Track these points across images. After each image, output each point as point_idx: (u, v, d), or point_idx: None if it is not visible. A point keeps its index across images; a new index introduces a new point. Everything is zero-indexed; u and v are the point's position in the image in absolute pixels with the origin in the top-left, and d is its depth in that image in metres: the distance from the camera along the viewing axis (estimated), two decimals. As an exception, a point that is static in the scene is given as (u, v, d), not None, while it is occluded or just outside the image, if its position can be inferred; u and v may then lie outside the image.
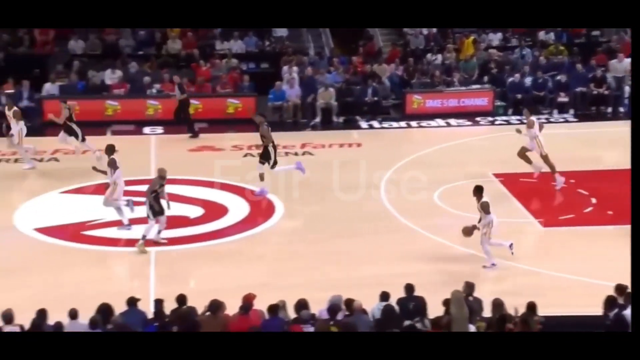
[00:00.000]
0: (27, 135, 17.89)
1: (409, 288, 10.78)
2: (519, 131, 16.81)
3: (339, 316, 10.06)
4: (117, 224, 14.63)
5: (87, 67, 22.52)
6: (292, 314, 10.28)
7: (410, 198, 15.89)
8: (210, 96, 22.29)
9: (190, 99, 21.02)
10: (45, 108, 20.88)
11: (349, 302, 10.27)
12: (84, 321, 9.85)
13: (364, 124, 21.92)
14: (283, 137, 18.86)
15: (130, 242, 14.08)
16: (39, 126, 20.69)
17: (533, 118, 17.06)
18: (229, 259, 13.86)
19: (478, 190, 13.25)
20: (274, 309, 10.09)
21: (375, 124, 21.96)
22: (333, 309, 10.10)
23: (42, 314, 9.91)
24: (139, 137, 20.59)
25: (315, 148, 19.57)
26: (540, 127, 16.82)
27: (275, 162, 16.26)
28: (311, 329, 9.75)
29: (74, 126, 17.70)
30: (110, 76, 22.31)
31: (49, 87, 21.48)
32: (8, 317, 9.79)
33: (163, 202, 13.84)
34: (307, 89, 22.02)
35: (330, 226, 14.90)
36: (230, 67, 23.30)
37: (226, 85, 22.55)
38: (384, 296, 10.56)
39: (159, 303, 10.37)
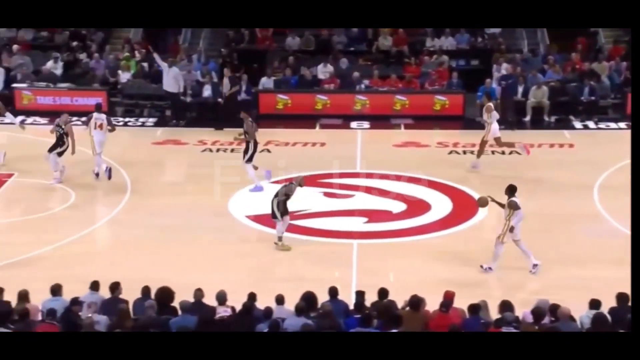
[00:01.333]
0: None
1: (622, 298, 10.14)
2: None
3: (544, 321, 9.68)
4: (324, 214, 15.01)
5: (300, 63, 23.33)
6: (494, 314, 10.05)
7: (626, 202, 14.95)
8: (417, 92, 22.28)
9: (397, 94, 21.13)
10: (261, 101, 21.90)
11: (555, 308, 9.85)
12: (289, 307, 10.20)
13: (578, 124, 20.98)
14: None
15: (334, 234, 14.45)
16: (254, 118, 21.68)
17: (491, 104, 17.68)
18: (430, 255, 13.79)
19: (511, 190, 12.93)
20: (475, 308, 9.89)
21: (590, 124, 20.93)
22: (538, 312, 9.72)
23: (252, 297, 10.38)
24: (346, 131, 21.02)
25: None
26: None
27: (250, 159, 16.07)
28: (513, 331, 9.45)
29: None
30: (322, 71, 22.95)
31: (265, 81, 22.47)
32: (222, 298, 10.34)
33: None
34: (511, 88, 21.32)
35: (541, 228, 14.35)
36: (440, 64, 23.17)
37: (434, 82, 22.45)
38: (594, 304, 10.02)
39: (360, 295, 10.50)
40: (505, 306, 9.99)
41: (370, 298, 10.44)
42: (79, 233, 14.32)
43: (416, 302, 10.00)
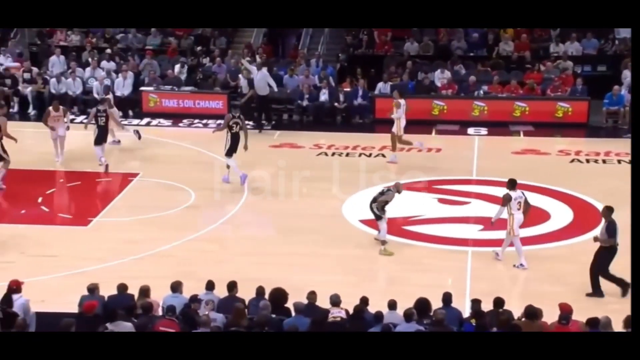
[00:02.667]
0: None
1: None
2: None
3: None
4: (439, 221, 14.86)
5: (418, 68, 23.20)
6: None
7: None
8: (539, 99, 21.74)
9: (517, 100, 20.67)
10: (377, 106, 21.92)
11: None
12: (400, 312, 10.16)
13: None
14: (610, 143, 17.77)
15: (449, 240, 14.29)
16: (370, 123, 21.83)
17: (401, 101, 18.17)
18: (546, 264, 13.42)
19: (511, 185, 13.46)
20: (594, 322, 9.54)
21: None
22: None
23: (364, 301, 10.38)
24: (463, 137, 20.74)
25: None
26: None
27: (230, 151, 16.58)
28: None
29: None
30: (440, 77, 22.74)
31: (382, 86, 22.48)
32: (335, 301, 10.34)
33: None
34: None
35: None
36: (563, 70, 22.52)
37: (557, 89, 21.83)
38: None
39: (476, 303, 10.32)
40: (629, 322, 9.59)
41: (486, 307, 10.27)
42: (198, 232, 14.75)
43: (533, 313, 9.76)
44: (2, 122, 16.44)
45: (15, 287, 10.50)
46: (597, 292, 12.25)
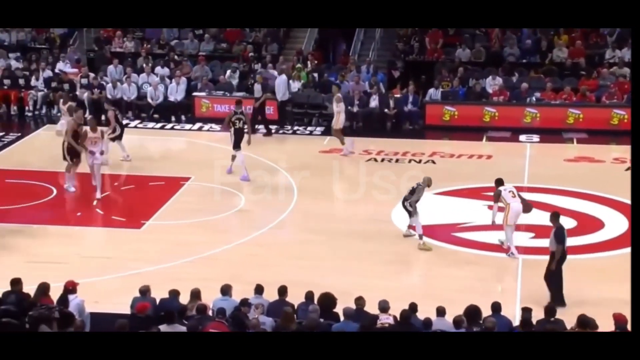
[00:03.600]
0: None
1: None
2: None
3: None
4: (489, 228, 14.78)
5: (469, 75, 23.06)
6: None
7: None
8: (593, 106, 21.41)
9: (571, 107, 20.40)
10: (428, 112, 21.85)
11: None
12: (449, 319, 10.11)
13: None
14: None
15: (492, 247, 14.18)
16: (420, 129, 21.77)
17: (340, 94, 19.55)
18: (600, 273, 13.23)
19: (498, 183, 14.16)
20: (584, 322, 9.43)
21: None
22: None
23: (412, 307, 10.34)
24: (515, 144, 20.54)
25: None
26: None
27: (236, 145, 17.25)
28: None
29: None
30: (491, 83, 22.57)
31: (433, 93, 22.40)
32: (384, 307, 10.32)
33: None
34: None
35: None
36: (620, 77, 22.14)
37: (612, 96, 21.47)
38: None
39: (527, 312, 10.21)
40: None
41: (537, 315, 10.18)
42: (248, 236, 14.89)
43: (585, 322, 9.62)
44: (70, 125, 16.71)
45: (71, 287, 10.75)
46: (558, 301, 11.79)
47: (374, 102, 22.14)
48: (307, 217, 15.83)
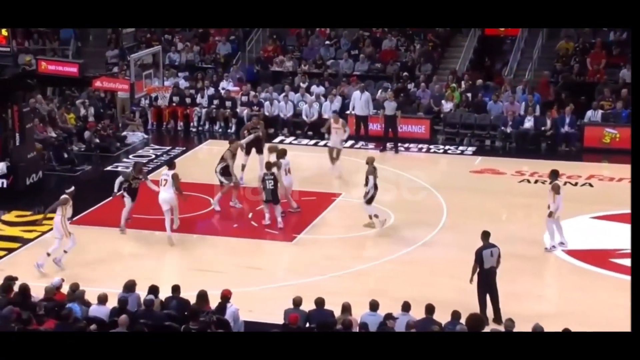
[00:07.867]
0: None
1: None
2: None
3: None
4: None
5: (632, 95, 22.11)
6: None
7: None
8: None
9: None
10: (586, 134, 21.13)
11: None
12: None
13: None
14: None
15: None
16: (577, 151, 21.10)
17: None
18: None
19: (553, 174, 14.79)
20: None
21: None
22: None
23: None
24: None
25: None
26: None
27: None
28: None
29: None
30: (656, 104, 21.51)
31: (591, 114, 21.66)
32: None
33: None
34: None
35: None
36: None
37: None
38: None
39: None
40: None
41: None
42: (396, 253, 15.00)
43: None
44: (234, 148, 17.19)
45: (228, 296, 11.27)
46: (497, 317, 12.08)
47: (528, 123, 21.69)
48: (457, 236, 15.73)
